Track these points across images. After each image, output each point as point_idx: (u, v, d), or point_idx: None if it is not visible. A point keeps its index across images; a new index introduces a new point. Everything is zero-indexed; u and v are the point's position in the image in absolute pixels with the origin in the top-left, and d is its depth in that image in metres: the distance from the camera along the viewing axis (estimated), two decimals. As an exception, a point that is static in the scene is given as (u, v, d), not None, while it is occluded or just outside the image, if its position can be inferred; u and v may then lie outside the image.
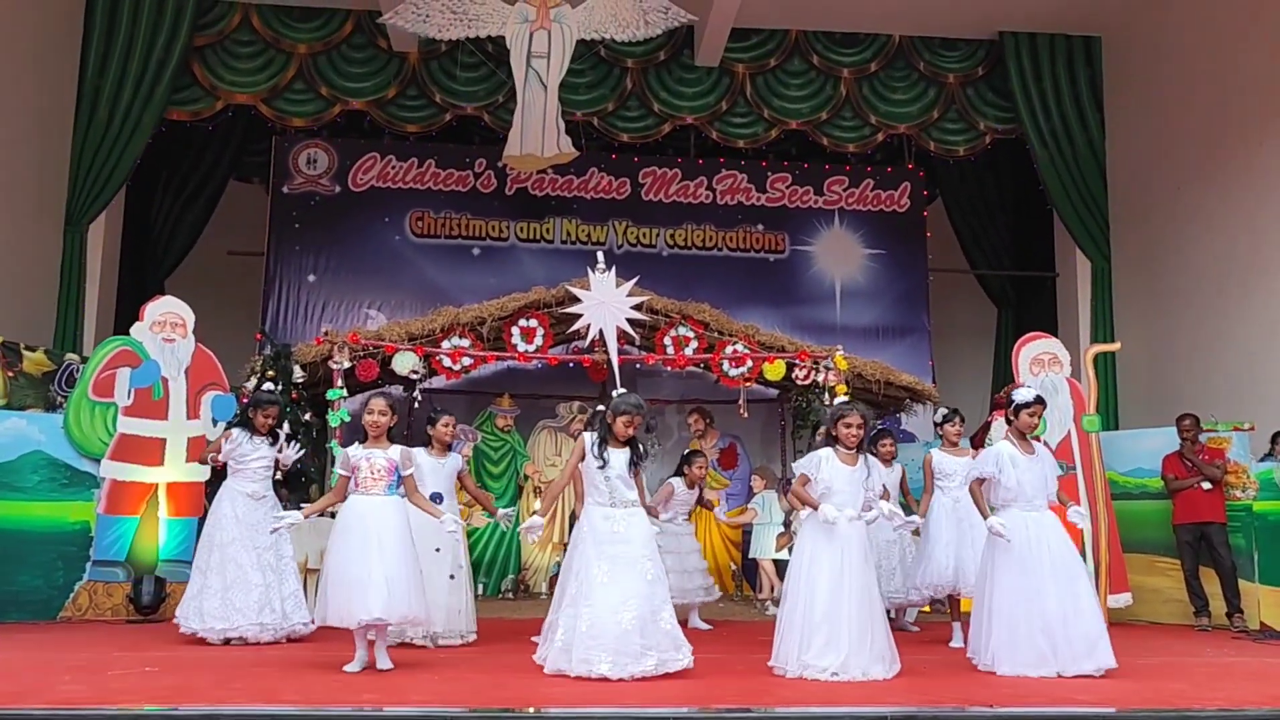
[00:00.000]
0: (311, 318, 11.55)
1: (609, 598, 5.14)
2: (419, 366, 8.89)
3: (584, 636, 5.08)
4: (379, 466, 5.57)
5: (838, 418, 5.52)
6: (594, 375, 10.17)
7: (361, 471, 5.58)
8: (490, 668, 5.55)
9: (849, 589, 5.28)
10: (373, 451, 5.62)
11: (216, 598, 6.50)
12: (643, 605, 5.17)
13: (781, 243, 12.36)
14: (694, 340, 9.42)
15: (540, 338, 9.30)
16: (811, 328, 11.76)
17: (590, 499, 5.42)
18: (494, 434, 10.58)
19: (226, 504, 6.66)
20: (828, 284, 12.35)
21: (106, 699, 4.31)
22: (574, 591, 5.26)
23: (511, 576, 10.19)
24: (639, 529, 5.35)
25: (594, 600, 5.15)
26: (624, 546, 5.27)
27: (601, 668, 5.01)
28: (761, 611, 9.01)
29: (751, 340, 9.43)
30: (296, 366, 8.85)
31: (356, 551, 5.39)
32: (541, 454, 10.72)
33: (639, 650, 5.08)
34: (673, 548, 7.56)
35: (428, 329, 9.11)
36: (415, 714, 4.03)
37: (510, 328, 9.27)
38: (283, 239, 11.81)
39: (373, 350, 8.88)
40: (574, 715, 4.09)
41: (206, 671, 5.26)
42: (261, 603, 6.51)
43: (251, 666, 5.49)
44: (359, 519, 5.48)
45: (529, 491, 10.51)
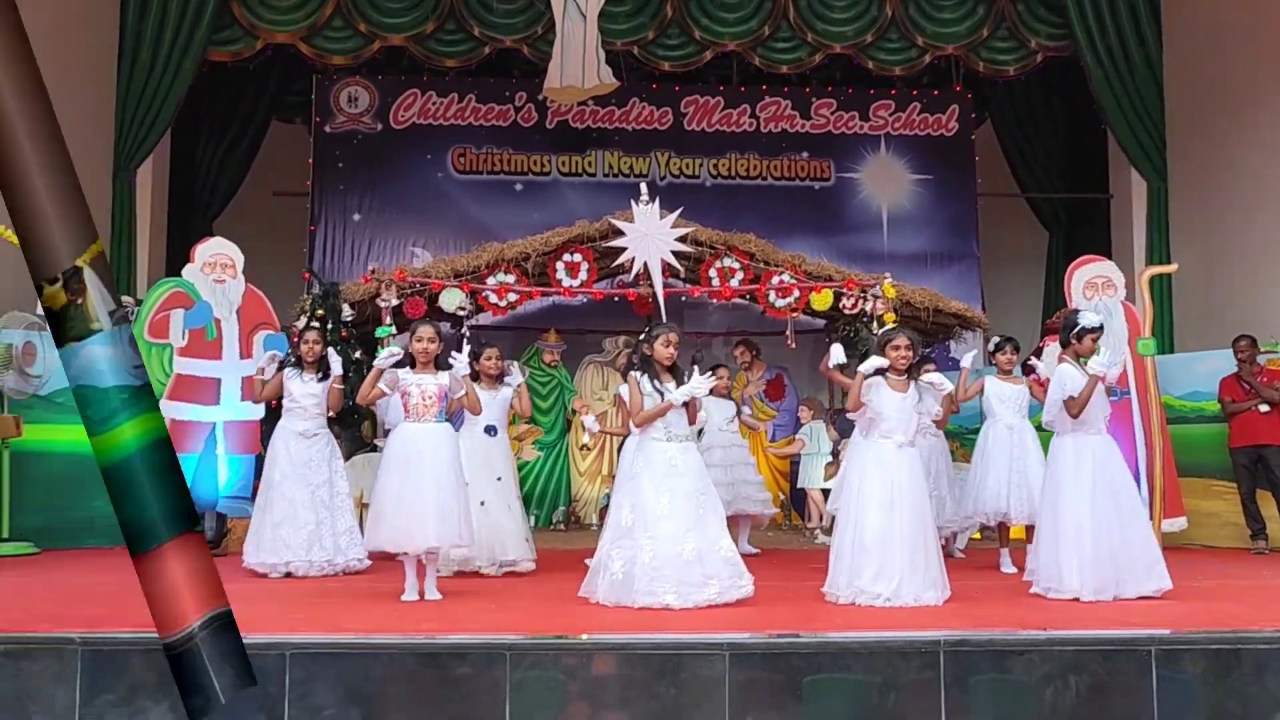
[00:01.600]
0: (357, 256, 11.63)
1: (671, 529, 5.20)
2: (465, 303, 8.96)
3: (646, 568, 5.15)
4: (429, 393, 5.65)
5: (885, 342, 5.51)
6: (639, 309, 10.19)
7: (412, 398, 5.66)
8: (549, 596, 5.66)
9: (900, 514, 5.31)
10: (423, 378, 5.69)
11: (269, 532, 6.67)
12: (701, 536, 5.23)
13: (827, 170, 12.23)
14: (739, 271, 9.41)
15: (585, 272, 9.31)
16: (858, 256, 11.67)
17: (645, 432, 5.45)
18: (541, 369, 10.66)
19: (280, 443, 6.80)
20: (874, 211, 12.24)
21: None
22: (628, 523, 5.32)
23: (562, 508, 10.35)
24: (694, 462, 5.40)
25: (656, 532, 5.20)
26: (681, 479, 5.32)
27: (667, 598, 5.09)
28: (811, 540, 9.10)
29: (798, 270, 9.40)
30: (345, 305, 8.94)
31: (409, 478, 5.50)
32: (588, 388, 10.80)
33: (701, 579, 5.16)
34: (719, 458, 7.63)
35: (473, 265, 9.17)
36: (477, 641, 4.14)
37: (555, 263, 9.30)
38: (326, 178, 11.86)
39: (419, 288, 8.95)
40: (636, 641, 4.17)
41: (270, 602, 5.42)
42: (311, 539, 6.64)
43: (313, 597, 5.66)
44: (410, 445, 5.58)
45: (576, 425, 10.61)
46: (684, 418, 5.45)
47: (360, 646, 4.11)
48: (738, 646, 4.11)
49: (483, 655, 4.04)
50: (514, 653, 4.05)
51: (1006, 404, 7.10)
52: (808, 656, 4.09)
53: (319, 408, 6.86)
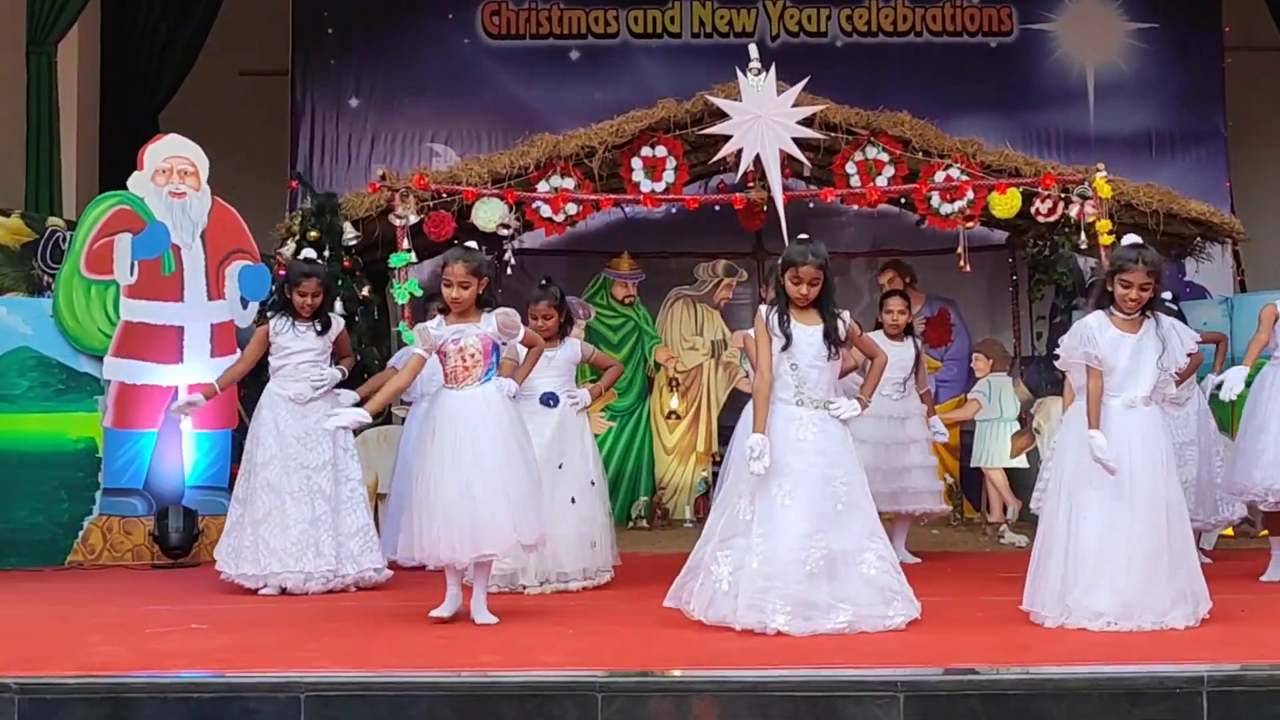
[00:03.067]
0: (358, 158, 11.72)
1: (791, 525, 5.22)
2: (509, 218, 8.98)
3: (754, 576, 5.18)
4: (471, 348, 5.70)
5: (1116, 270, 5.45)
6: (747, 222, 10.10)
7: (450, 358, 5.70)
8: (633, 618, 5.71)
9: (1136, 504, 5.28)
10: (462, 328, 5.72)
11: (249, 533, 6.79)
12: (837, 541, 5.25)
13: (1007, 20, 12.03)
14: (889, 165, 9.30)
15: (671, 172, 9.27)
16: (1055, 140, 11.54)
17: (774, 395, 5.44)
18: (611, 308, 10.63)
19: (266, 413, 6.90)
20: (1076, 76, 12.06)
21: (153, 663, 4.57)
22: (746, 518, 5.33)
23: (644, 499, 10.41)
24: (834, 438, 5.40)
25: (770, 528, 5.24)
26: (813, 459, 5.32)
27: (777, 620, 5.12)
28: (993, 540, 9.05)
29: (971, 162, 9.28)
30: (346, 224, 9.02)
31: (448, 464, 5.55)
32: (677, 333, 10.79)
33: (827, 601, 5.17)
34: (870, 431, 7.61)
35: (517, 166, 9.17)
36: (555, 679, 4.18)
37: (629, 160, 9.26)
38: (312, 52, 11.93)
39: (446, 198, 8.98)
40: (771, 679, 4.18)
41: (267, 629, 5.53)
42: (303, 543, 6.73)
43: (321, 621, 5.76)
44: (448, 421, 5.63)
45: (661, 385, 10.66)
46: (826, 373, 5.43)
47: (399, 686, 4.17)
48: (916, 685, 4.10)
49: (564, 696, 4.08)
50: (606, 693, 4.08)
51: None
52: (1013, 700, 4.07)
53: (317, 365, 6.94)
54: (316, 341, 6.92)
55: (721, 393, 10.78)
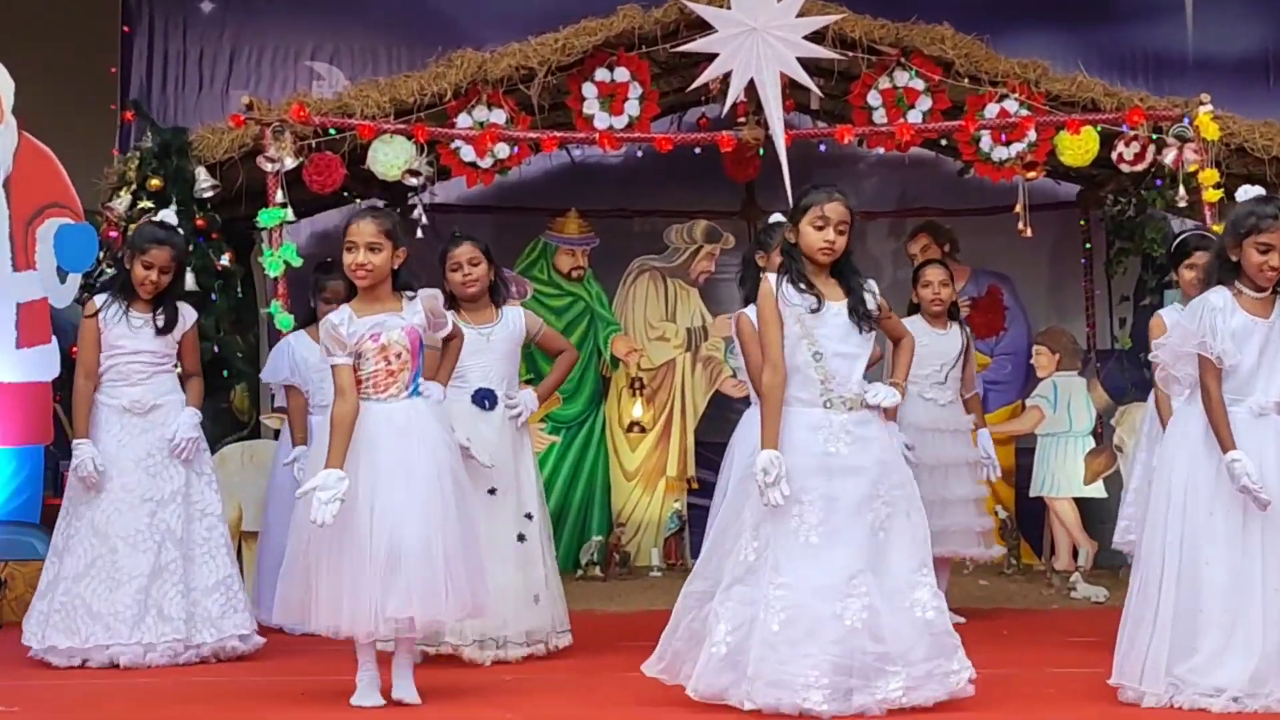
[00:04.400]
0: (213, 81, 11.61)
1: (823, 570, 5.23)
2: (418, 163, 8.94)
3: (776, 640, 5.17)
4: (396, 345, 5.69)
5: (1247, 231, 5.43)
6: (735, 171, 10.10)
7: (368, 360, 5.68)
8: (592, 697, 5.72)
9: (1270, 544, 5.30)
10: (381, 319, 5.70)
11: (61, 592, 6.73)
12: (880, 582, 5.26)
13: (1077, -94, 12.03)
14: (924, 96, 9.29)
15: (636, 103, 9.23)
16: (1143, 64, 11.52)
17: (789, 393, 5.42)
18: (554, 284, 10.65)
19: (97, 428, 6.85)
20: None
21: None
22: (748, 559, 5.34)
23: (598, 540, 10.41)
24: (875, 445, 5.41)
25: (794, 574, 5.24)
26: (849, 481, 5.32)
27: (811, 697, 5.11)
28: (1062, 593, 9.10)
29: (1033, 92, 9.29)
30: (200, 170, 8.93)
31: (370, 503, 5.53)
32: (641, 318, 10.84)
33: (875, 663, 5.17)
34: (918, 442, 7.63)
35: (429, 93, 9.11)
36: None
37: (580, 86, 9.23)
38: (147, -64, 11.80)
39: (334, 136, 8.92)
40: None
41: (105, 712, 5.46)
42: (141, 605, 6.68)
43: (177, 704, 5.71)
44: (368, 445, 5.60)
45: (620, 387, 10.70)
46: (859, 361, 5.45)
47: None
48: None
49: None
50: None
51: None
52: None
53: (160, 365, 6.90)
54: (155, 342, 6.87)
55: (700, 398, 10.84)
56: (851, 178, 11.33)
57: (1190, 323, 5.49)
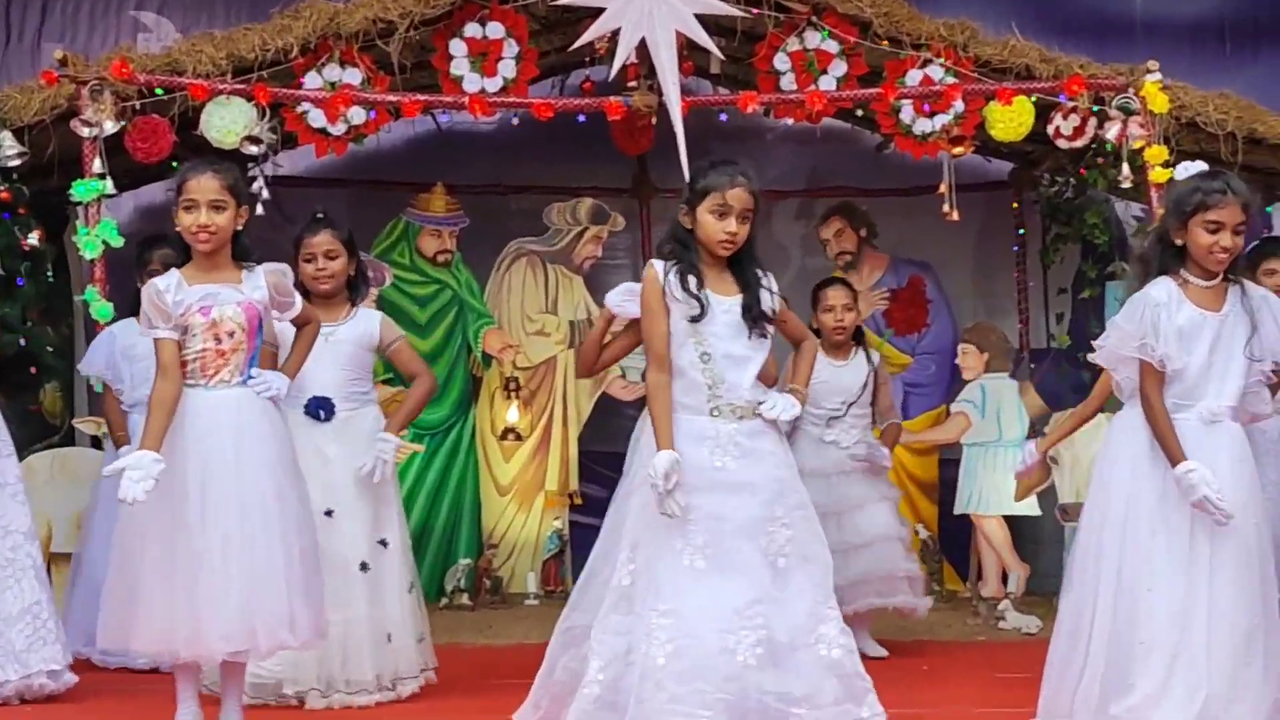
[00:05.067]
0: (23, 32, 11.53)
1: (711, 597, 5.26)
2: (259, 129, 8.92)
3: (662, 676, 5.21)
4: (228, 320, 5.67)
5: (1193, 209, 5.48)
6: (625, 142, 10.15)
7: (194, 338, 5.63)
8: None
9: (1220, 565, 5.35)
10: (213, 290, 5.66)
11: None
12: (777, 612, 5.31)
13: None
14: (839, 60, 9.33)
15: (511, 63, 9.23)
16: (1084, 28, 11.52)
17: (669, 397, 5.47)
18: (417, 269, 10.69)
19: None
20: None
21: None
22: (625, 583, 5.40)
23: (466, 563, 10.46)
24: (769, 460, 5.46)
25: (680, 602, 5.27)
26: (738, 499, 5.37)
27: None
28: (990, 622, 9.20)
29: (961, 57, 9.35)
30: (4, 134, 8.84)
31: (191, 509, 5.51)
32: (518, 310, 10.89)
33: (775, 706, 5.22)
34: (821, 489, 7.58)
35: (273, 49, 9.07)
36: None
37: (446, 43, 9.22)
38: None
39: (162, 97, 8.88)
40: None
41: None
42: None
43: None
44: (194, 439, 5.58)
45: (492, 389, 10.75)
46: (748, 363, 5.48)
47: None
48: None
49: None
50: None
51: None
52: None
53: None
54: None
55: (585, 401, 10.91)
56: (756, 152, 11.37)
57: (1129, 322, 5.49)
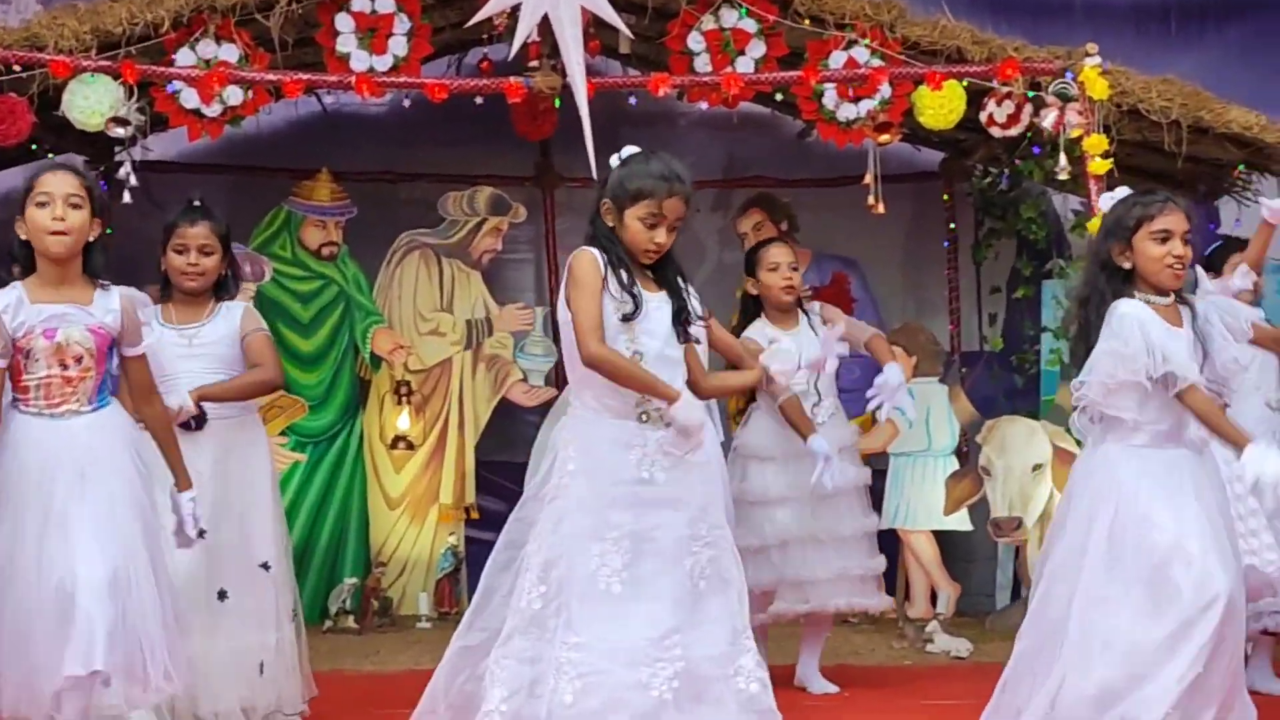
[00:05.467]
0: None
1: (628, 624, 5.29)
2: (126, 109, 8.90)
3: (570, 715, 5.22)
4: (75, 345, 5.63)
5: (1136, 223, 5.58)
6: (526, 127, 10.21)
7: (36, 363, 5.61)
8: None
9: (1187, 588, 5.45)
10: (62, 310, 5.63)
11: None
12: (696, 639, 5.33)
13: None
14: (757, 40, 9.36)
15: (403, 40, 9.22)
16: (1020, 8, 11.55)
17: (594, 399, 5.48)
18: (300, 263, 10.72)
19: None
20: (1053, -97, 12.26)
21: None
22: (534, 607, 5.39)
23: (352, 583, 10.47)
24: (698, 475, 5.50)
25: (593, 629, 5.29)
26: (663, 514, 5.39)
27: None
28: (918, 645, 9.29)
29: (887, 38, 9.40)
30: None
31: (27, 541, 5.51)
32: (410, 308, 10.95)
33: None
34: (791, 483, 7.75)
35: (142, 23, 9.02)
36: None
37: (332, 18, 9.18)
38: None
39: (20, 73, 8.85)
40: None
41: None
42: None
43: None
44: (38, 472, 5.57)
45: (382, 393, 10.78)
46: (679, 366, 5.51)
47: None
48: None
49: None
50: None
51: None
52: None
53: None
54: None
55: (482, 407, 10.95)
56: (669, 138, 11.35)
57: (1123, 344, 5.49)
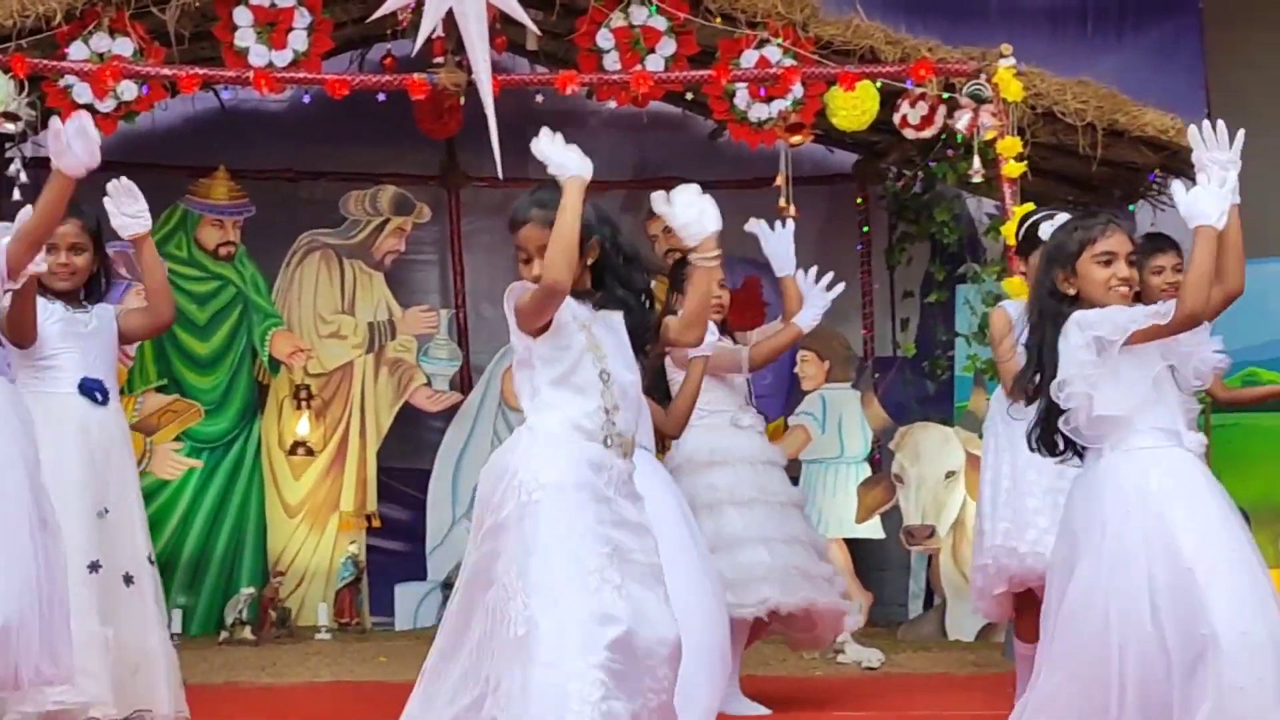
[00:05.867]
0: None
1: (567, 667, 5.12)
2: (16, 105, 8.90)
3: None
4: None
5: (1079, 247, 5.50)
6: (430, 125, 10.25)
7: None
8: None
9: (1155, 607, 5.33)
10: None
11: None
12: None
13: None
14: (667, 38, 9.37)
15: (303, 34, 9.26)
16: (936, 9, 11.60)
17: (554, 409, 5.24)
18: (196, 263, 10.69)
19: None
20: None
21: None
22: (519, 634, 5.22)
23: (249, 592, 10.40)
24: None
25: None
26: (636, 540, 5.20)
27: None
28: (828, 655, 9.31)
29: (800, 37, 9.43)
30: None
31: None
32: (310, 310, 10.96)
33: None
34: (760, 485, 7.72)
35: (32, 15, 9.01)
36: None
37: (230, 11, 9.18)
38: None
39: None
40: None
41: None
42: None
43: None
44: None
45: (280, 397, 10.81)
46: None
47: None
48: None
49: None
50: None
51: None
52: None
53: None
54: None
55: (385, 413, 10.94)
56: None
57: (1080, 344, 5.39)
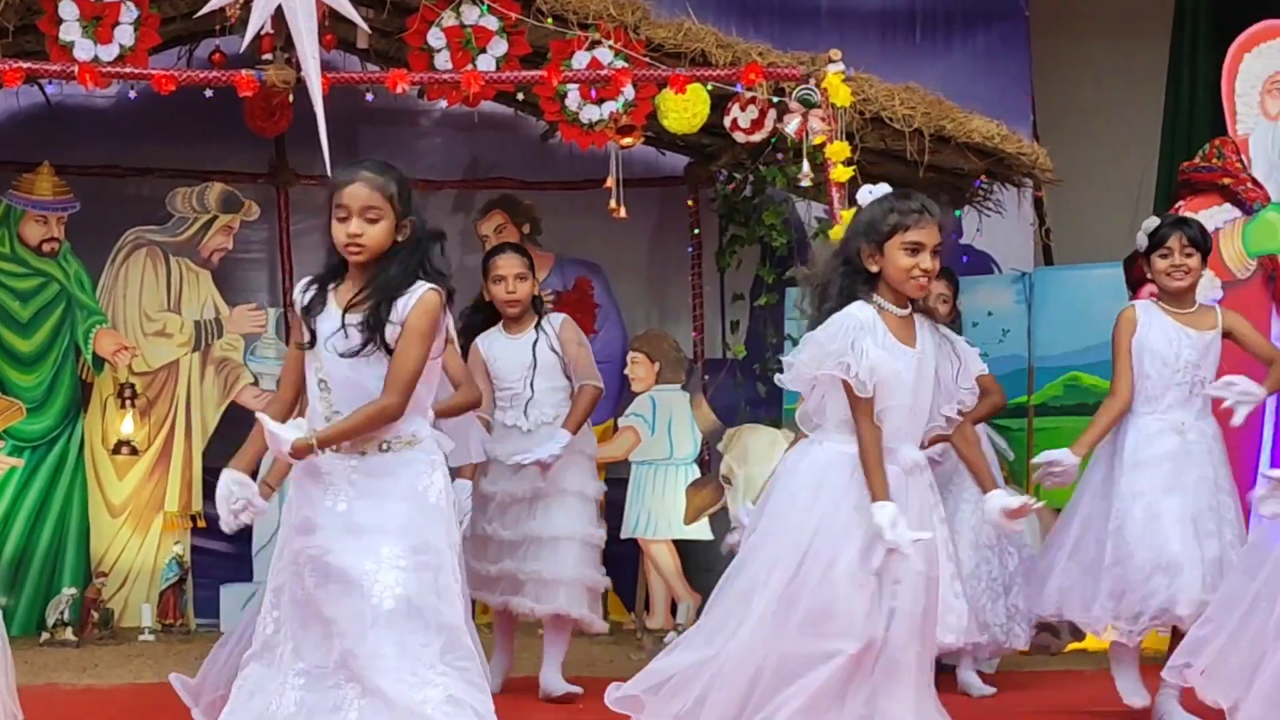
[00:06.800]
0: None
1: None
2: None
3: None
4: None
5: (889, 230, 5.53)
6: (260, 122, 10.21)
7: None
8: None
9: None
10: None
11: None
12: None
13: None
14: (499, 37, 9.34)
15: (129, 29, 9.11)
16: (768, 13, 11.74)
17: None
18: (19, 259, 10.53)
19: None
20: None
21: None
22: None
23: (71, 593, 10.27)
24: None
25: None
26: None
27: None
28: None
29: (631, 39, 9.41)
30: None
31: None
32: (135, 307, 10.81)
33: None
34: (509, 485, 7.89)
35: None
36: None
37: (54, 3, 9.03)
38: None
39: None
40: None
41: None
42: None
43: None
44: None
45: (105, 396, 10.64)
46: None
47: None
48: None
49: None
50: None
51: (1179, 365, 7.35)
52: None
53: None
54: None
55: (211, 412, 10.84)
56: (409, 137, 11.49)
57: (829, 340, 5.47)
